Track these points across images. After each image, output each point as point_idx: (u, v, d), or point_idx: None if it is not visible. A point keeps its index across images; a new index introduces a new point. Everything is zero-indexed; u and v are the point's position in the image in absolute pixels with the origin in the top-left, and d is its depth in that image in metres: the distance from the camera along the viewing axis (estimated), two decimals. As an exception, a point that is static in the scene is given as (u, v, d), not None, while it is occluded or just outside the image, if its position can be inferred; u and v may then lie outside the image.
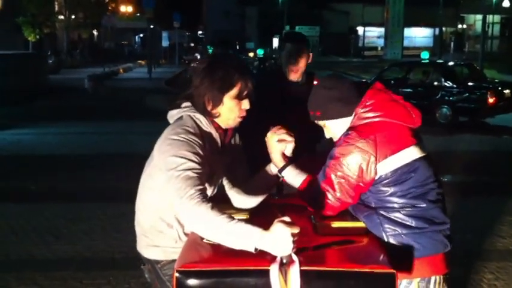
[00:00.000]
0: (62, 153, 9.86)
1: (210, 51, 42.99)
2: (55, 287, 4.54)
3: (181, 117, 2.35)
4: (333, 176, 2.27)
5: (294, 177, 2.43)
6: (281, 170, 2.46)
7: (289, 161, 2.46)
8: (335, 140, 2.44)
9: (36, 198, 7.09)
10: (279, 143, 2.44)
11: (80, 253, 5.26)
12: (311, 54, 3.60)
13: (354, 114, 2.35)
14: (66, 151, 10.07)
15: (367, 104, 2.32)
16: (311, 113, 2.45)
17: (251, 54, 29.93)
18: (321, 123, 2.46)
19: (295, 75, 3.55)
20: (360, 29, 55.67)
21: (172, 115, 2.41)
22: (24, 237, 5.65)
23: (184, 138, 2.21)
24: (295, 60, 3.51)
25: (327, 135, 2.48)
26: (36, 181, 7.90)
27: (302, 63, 3.54)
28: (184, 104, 2.39)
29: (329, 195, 2.28)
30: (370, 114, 2.29)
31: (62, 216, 6.30)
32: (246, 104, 2.36)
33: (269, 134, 2.46)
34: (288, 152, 2.47)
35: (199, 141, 2.24)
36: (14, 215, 6.34)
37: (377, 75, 15.90)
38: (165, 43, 40.36)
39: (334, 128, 2.43)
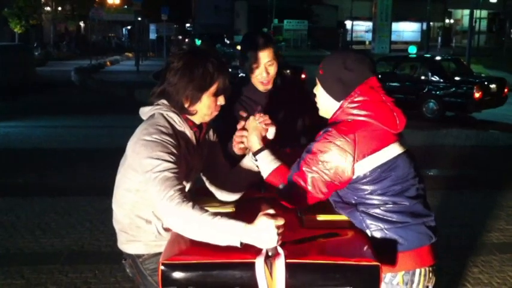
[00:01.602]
0: (51, 147, 9.80)
1: (198, 43, 42.81)
2: (41, 280, 4.54)
3: (153, 115, 2.33)
4: (306, 170, 2.25)
5: (267, 164, 2.42)
6: (256, 153, 2.45)
7: (266, 146, 2.45)
8: (317, 101, 2.44)
9: (24, 192, 7.05)
10: (258, 125, 2.45)
11: (67, 247, 5.25)
12: (279, 53, 3.04)
13: (339, 107, 2.32)
14: (55, 145, 10.02)
15: (356, 99, 2.27)
16: (320, 64, 2.41)
17: (239, 47, 29.95)
18: (316, 79, 2.43)
19: (267, 86, 3.00)
20: (348, 23, 55.72)
21: (145, 112, 2.38)
22: (12, 231, 5.62)
23: (157, 138, 2.19)
24: (264, 70, 2.94)
25: (315, 90, 2.44)
26: (24, 175, 7.86)
27: (272, 71, 2.96)
28: (157, 101, 2.37)
29: (300, 189, 2.26)
30: (356, 112, 2.26)
31: (50, 209, 6.28)
32: (221, 100, 2.36)
33: (251, 118, 2.47)
34: (270, 135, 2.47)
35: (172, 140, 2.22)
36: (2, 209, 6.31)
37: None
38: (152, 36, 40.16)
39: (321, 98, 2.41)
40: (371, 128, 2.24)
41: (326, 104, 2.40)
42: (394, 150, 2.26)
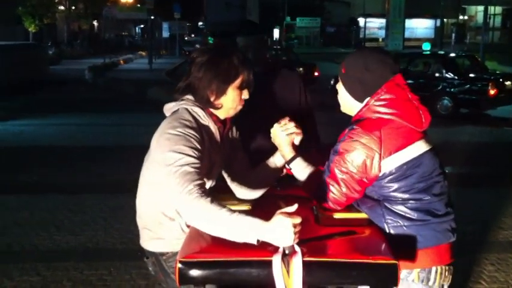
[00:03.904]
0: (64, 145, 9.86)
1: (211, 42, 42.85)
2: (57, 277, 4.56)
3: (177, 110, 2.34)
4: (337, 172, 2.25)
5: (302, 170, 2.43)
6: (289, 161, 2.46)
7: (298, 153, 2.46)
8: (339, 98, 2.44)
9: (38, 189, 7.10)
10: (287, 135, 2.45)
11: (82, 244, 5.28)
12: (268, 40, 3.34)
13: (365, 104, 2.31)
14: (68, 143, 10.08)
15: (382, 97, 2.27)
16: (343, 62, 2.40)
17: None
18: (338, 87, 2.43)
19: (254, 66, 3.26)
20: (361, 20, 55.49)
21: (169, 108, 2.39)
22: (26, 228, 5.66)
23: (181, 132, 2.20)
24: (252, 55, 3.23)
25: (337, 86, 2.44)
26: (38, 172, 7.91)
27: (260, 55, 3.29)
28: (181, 97, 2.38)
29: (335, 190, 2.26)
30: (383, 110, 2.25)
31: (64, 207, 6.32)
32: (246, 94, 2.38)
33: (275, 126, 2.47)
34: (296, 142, 2.49)
35: (196, 134, 2.23)
36: (17, 206, 6.36)
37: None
38: (165, 34, 40.29)
39: (342, 96, 2.42)
40: (396, 125, 2.24)
41: (347, 101, 2.40)
42: (419, 147, 2.26)
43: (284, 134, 2.45)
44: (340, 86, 2.43)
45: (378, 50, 2.46)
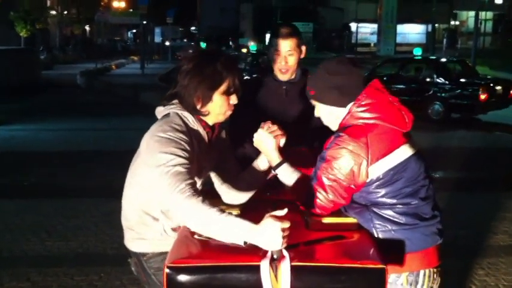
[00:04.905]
0: (56, 150, 9.81)
1: (203, 46, 42.88)
2: (48, 283, 4.54)
3: (168, 114, 2.36)
4: (324, 179, 2.26)
5: (289, 176, 2.42)
6: (276, 167, 2.45)
7: (285, 158, 2.45)
8: (323, 121, 2.45)
9: (29, 194, 7.08)
10: (274, 139, 2.43)
11: (73, 249, 5.26)
12: (304, 48, 3.14)
13: (347, 111, 2.32)
14: (60, 148, 10.03)
15: (363, 103, 2.28)
16: (307, 88, 2.43)
17: (244, 50, 29.89)
18: (313, 101, 2.45)
19: (284, 75, 3.14)
20: (353, 25, 55.68)
21: (160, 111, 2.41)
22: (17, 233, 5.64)
23: (171, 135, 2.22)
24: (284, 59, 3.08)
25: (316, 114, 2.46)
26: (29, 177, 7.88)
27: (292, 62, 3.09)
28: (172, 101, 2.39)
29: (321, 197, 2.27)
30: (366, 115, 2.27)
31: (55, 212, 6.29)
32: (234, 99, 2.38)
33: (260, 131, 2.44)
34: (282, 144, 2.47)
35: (186, 138, 2.25)
36: (8, 211, 6.33)
37: (370, 72, 15.89)
38: (157, 39, 40.32)
39: (323, 112, 2.42)
40: (382, 130, 2.25)
41: (331, 113, 2.40)
42: (405, 151, 2.27)
43: (271, 138, 2.43)
44: (319, 108, 2.43)
45: (329, 58, 2.53)
